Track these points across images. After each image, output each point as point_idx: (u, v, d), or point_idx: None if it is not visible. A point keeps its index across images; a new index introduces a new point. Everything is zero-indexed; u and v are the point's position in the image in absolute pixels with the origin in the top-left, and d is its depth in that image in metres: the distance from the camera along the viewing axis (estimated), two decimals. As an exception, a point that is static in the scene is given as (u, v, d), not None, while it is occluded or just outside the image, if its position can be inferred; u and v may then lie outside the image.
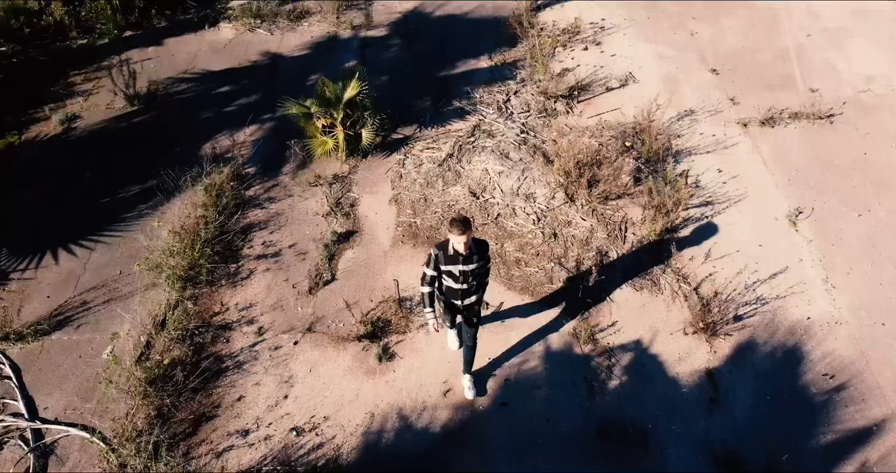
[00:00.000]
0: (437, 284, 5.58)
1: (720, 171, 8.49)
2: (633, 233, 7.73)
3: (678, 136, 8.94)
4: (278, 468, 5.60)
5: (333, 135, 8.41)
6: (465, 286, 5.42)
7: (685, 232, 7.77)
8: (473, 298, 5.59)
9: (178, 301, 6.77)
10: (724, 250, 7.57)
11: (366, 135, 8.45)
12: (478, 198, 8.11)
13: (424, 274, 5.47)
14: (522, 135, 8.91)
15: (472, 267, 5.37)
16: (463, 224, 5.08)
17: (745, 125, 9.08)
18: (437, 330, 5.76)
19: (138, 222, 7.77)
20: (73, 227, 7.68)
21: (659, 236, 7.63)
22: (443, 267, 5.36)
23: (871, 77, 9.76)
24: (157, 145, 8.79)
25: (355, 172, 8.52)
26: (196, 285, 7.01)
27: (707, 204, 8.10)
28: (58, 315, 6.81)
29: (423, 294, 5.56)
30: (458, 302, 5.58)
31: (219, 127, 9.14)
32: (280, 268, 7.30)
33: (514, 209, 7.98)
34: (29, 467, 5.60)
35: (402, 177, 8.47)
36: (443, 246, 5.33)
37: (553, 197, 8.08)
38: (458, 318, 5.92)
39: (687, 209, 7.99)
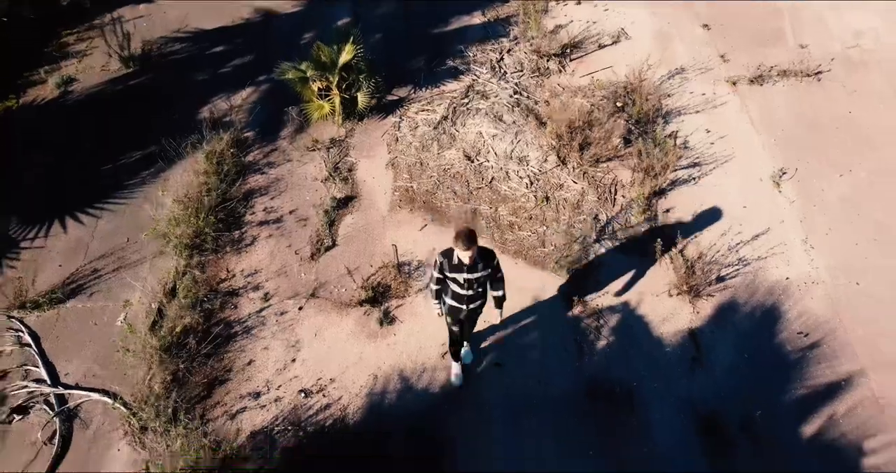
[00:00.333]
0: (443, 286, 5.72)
1: (708, 132, 8.63)
2: (623, 196, 7.93)
3: (668, 96, 9.03)
4: (289, 428, 5.96)
5: (330, 99, 8.47)
6: (470, 292, 5.54)
7: (673, 193, 7.97)
8: (478, 303, 5.73)
9: (186, 268, 7.00)
10: (710, 212, 7.80)
11: (361, 98, 8.51)
12: (472, 162, 8.26)
13: (432, 275, 5.61)
14: (515, 97, 8.99)
15: (476, 275, 5.43)
16: (468, 239, 5.10)
17: (734, 84, 9.16)
18: (441, 315, 5.98)
19: (142, 189, 7.91)
20: (77, 195, 7.83)
21: (647, 199, 7.83)
22: (448, 274, 5.47)
23: (860, 31, 9.78)
24: (154, 109, 8.84)
25: (352, 136, 8.62)
26: (202, 252, 7.23)
27: (694, 165, 8.27)
28: (70, 283, 7.04)
29: (431, 289, 5.75)
30: (464, 307, 5.69)
31: (215, 89, 9.16)
32: (282, 235, 7.51)
33: (507, 172, 8.15)
34: (55, 430, 5.93)
35: (397, 140, 8.59)
36: (448, 253, 5.40)
37: (545, 160, 8.24)
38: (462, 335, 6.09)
39: (675, 170, 8.16)
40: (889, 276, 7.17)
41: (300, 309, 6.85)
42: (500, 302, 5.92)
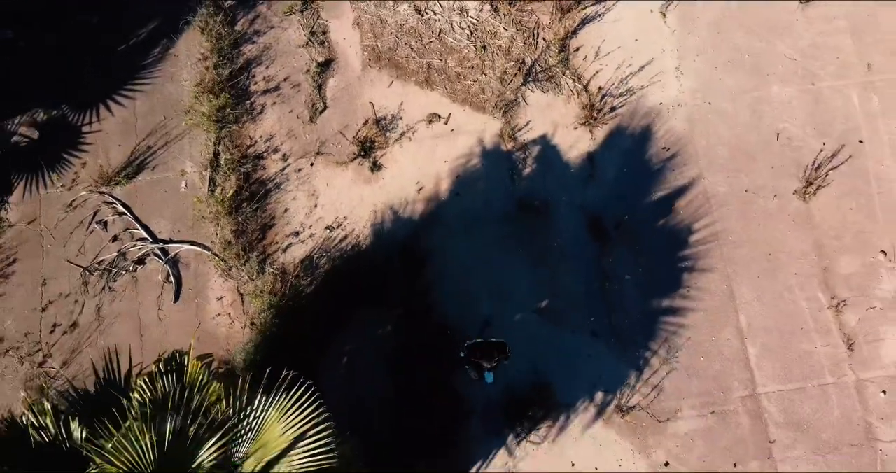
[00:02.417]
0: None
1: (615, -39, 8.60)
2: (543, 39, 8.39)
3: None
4: (323, 255, 7.50)
5: (293, -39, 8.18)
6: (491, 364, 6.42)
7: (582, 32, 8.34)
8: (495, 363, 6.47)
9: (218, 140, 7.75)
10: (609, 47, 8.26)
11: (320, -42, 8.22)
12: (422, 15, 8.45)
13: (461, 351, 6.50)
14: (452, -59, 8.66)
15: (495, 360, 6.32)
16: (487, 361, 6.22)
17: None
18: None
19: (159, 68, 8.09)
20: (109, 77, 8.04)
21: (562, 40, 8.32)
22: (472, 359, 6.34)
23: None
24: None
25: (319, -6, 8.49)
26: (227, 125, 7.88)
27: (601, 1, 8.52)
28: (135, 160, 7.77)
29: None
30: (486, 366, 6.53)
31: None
32: (283, 101, 8.06)
33: (451, 24, 8.42)
34: (168, 273, 7.42)
35: (357, -4, 8.54)
36: (470, 348, 6.28)
37: (481, 10, 8.45)
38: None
39: (585, 9, 8.46)
40: (733, 94, 7.98)
41: (311, 164, 7.82)
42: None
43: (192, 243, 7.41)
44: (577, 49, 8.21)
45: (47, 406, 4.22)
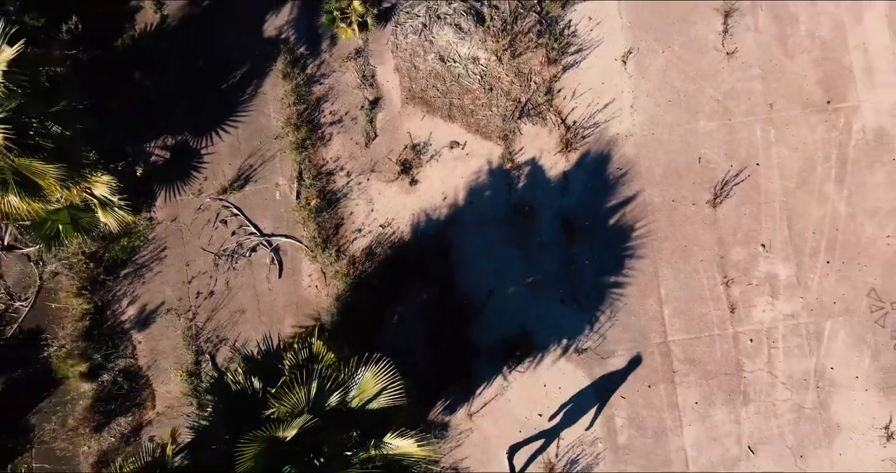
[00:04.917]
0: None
1: (590, 19, 9.41)
2: (534, 82, 9.48)
3: (567, -15, 9.41)
4: (378, 245, 9.01)
5: (351, 23, 9.06)
6: None
7: (564, 77, 9.45)
8: None
9: (301, 161, 9.01)
10: (583, 89, 9.25)
11: (370, 21, 9.10)
12: (445, 63, 9.47)
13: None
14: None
15: None
16: None
17: (615, -27, 9.34)
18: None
19: (252, 103, 9.08)
20: (217, 112, 9.15)
21: (548, 83, 9.42)
22: None
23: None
24: (229, 27, 9.08)
25: (367, 45, 9.43)
26: (305, 149, 9.13)
27: (578, 51, 9.37)
28: (242, 175, 8.98)
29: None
30: None
31: (264, 8, 9.35)
32: (345, 131, 9.19)
33: (467, 70, 9.47)
34: (272, 258, 8.96)
35: (398, 47, 9.52)
36: None
37: (490, 59, 9.47)
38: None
39: (566, 57, 9.46)
40: (670, 126, 8.83)
41: (367, 180, 9.12)
42: None
43: (288, 236, 8.88)
44: (559, 90, 9.26)
45: (239, 369, 5.96)
